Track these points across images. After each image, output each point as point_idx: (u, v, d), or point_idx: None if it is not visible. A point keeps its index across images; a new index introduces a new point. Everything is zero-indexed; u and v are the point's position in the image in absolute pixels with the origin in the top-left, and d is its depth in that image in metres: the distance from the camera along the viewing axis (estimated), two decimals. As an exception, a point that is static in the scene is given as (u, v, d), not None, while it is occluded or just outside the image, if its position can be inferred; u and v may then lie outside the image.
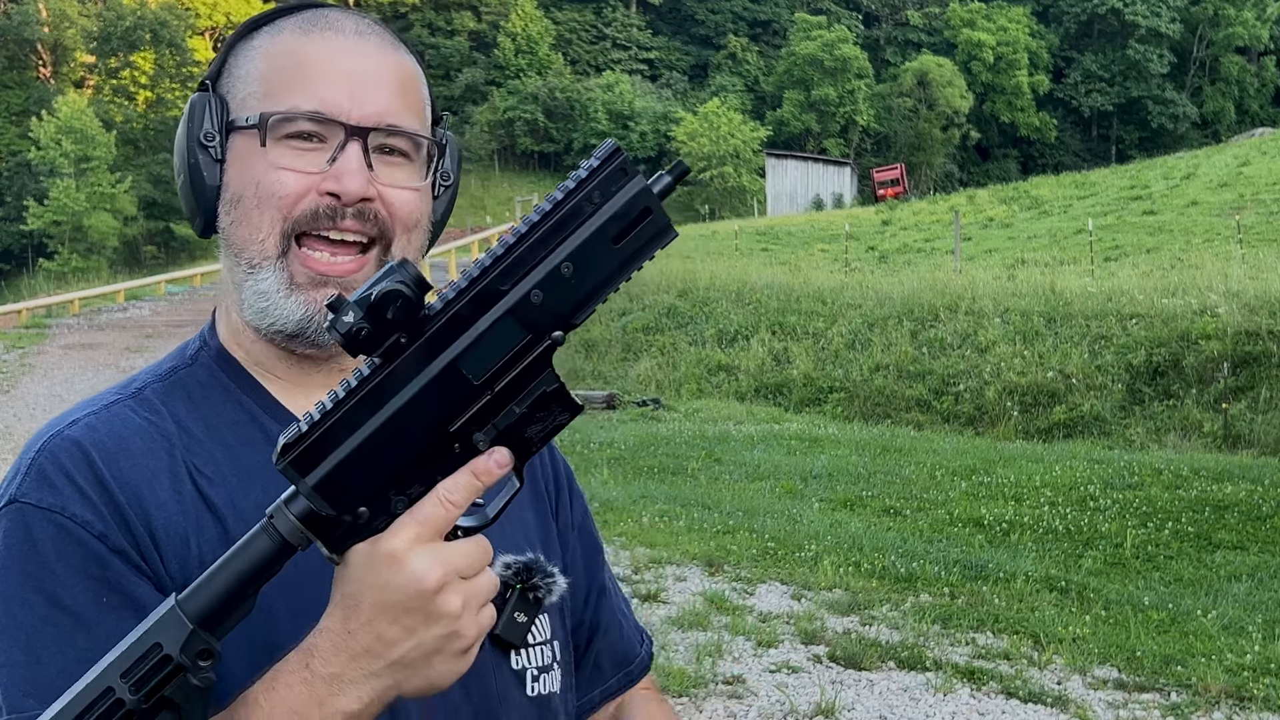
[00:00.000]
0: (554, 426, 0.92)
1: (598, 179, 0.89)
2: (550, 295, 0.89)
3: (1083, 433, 13.61)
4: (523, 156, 69.67)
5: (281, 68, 1.06)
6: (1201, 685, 5.50)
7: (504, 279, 0.88)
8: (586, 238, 0.89)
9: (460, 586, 0.89)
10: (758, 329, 18.34)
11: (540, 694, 1.15)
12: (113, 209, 49.26)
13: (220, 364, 1.12)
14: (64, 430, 1.03)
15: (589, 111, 67.02)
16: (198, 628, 0.86)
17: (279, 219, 1.05)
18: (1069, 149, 73.20)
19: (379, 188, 1.06)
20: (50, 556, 0.96)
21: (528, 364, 0.90)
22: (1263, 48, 74.72)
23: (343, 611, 0.89)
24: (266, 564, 0.88)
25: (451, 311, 0.88)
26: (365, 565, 0.88)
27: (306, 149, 1.05)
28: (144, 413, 1.06)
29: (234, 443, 1.07)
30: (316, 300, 1.06)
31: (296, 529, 0.88)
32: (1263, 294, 14.53)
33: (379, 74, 1.08)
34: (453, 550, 0.89)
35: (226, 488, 1.04)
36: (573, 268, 0.89)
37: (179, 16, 60.54)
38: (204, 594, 0.87)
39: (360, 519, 0.89)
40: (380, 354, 0.88)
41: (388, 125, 1.07)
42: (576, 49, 75.22)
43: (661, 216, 0.91)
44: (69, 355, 18.68)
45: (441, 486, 0.89)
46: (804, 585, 7.14)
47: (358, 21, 1.11)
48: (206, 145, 1.07)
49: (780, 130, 66.48)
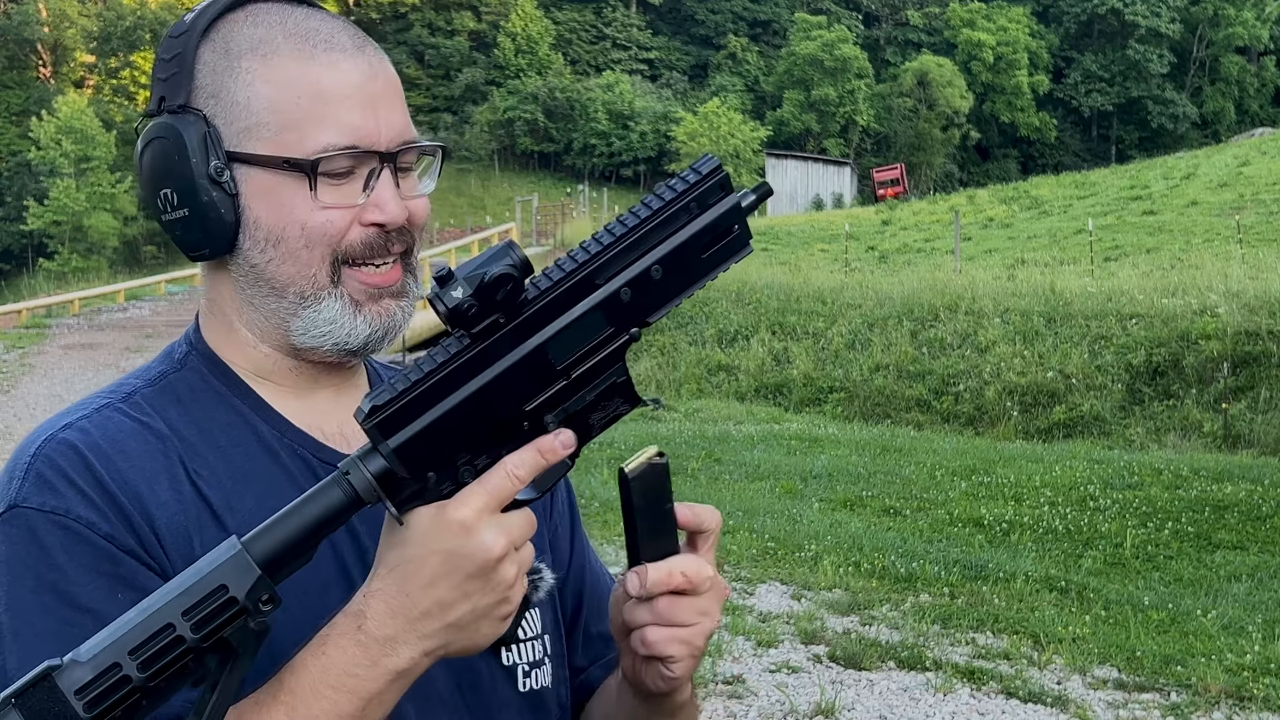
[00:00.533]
0: (614, 415, 0.97)
1: (698, 190, 0.96)
2: (638, 294, 0.95)
3: (1083, 433, 13.62)
4: (523, 156, 69.66)
5: (297, 98, 1.04)
6: (1201, 685, 5.50)
7: (599, 273, 0.94)
8: (679, 244, 0.95)
9: (515, 557, 0.93)
10: (758, 329, 18.34)
11: (532, 689, 1.16)
12: (113, 209, 49.31)
13: (210, 368, 1.11)
14: (58, 434, 1.02)
15: (589, 111, 67.02)
16: (263, 572, 0.87)
17: (328, 253, 1.05)
18: (1069, 149, 73.21)
19: (407, 204, 1.08)
20: (61, 558, 0.96)
21: (606, 355, 0.95)
22: (1263, 48, 74.73)
23: (400, 575, 0.92)
24: (335, 515, 0.91)
25: (549, 298, 0.93)
26: (431, 528, 0.91)
27: (341, 181, 1.05)
28: (136, 415, 1.06)
29: (226, 444, 1.07)
30: (379, 314, 1.08)
31: (370, 486, 0.91)
32: (1263, 294, 14.53)
33: (390, 90, 1.08)
34: (512, 522, 0.93)
35: (222, 489, 1.04)
36: (662, 271, 0.95)
37: (179, 16, 60.42)
38: (270, 538, 0.89)
39: (428, 483, 0.92)
40: (475, 332, 0.92)
41: (407, 142, 1.08)
42: (576, 49, 75.23)
43: (746, 233, 0.97)
44: (69, 355, 18.69)
45: (509, 461, 0.92)
46: (804, 585, 7.14)
47: (350, 32, 1.09)
48: (219, 180, 1.04)
49: (780, 130, 66.50)
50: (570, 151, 68.25)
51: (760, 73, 72.75)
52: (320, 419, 1.11)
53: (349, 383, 1.15)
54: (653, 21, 77.29)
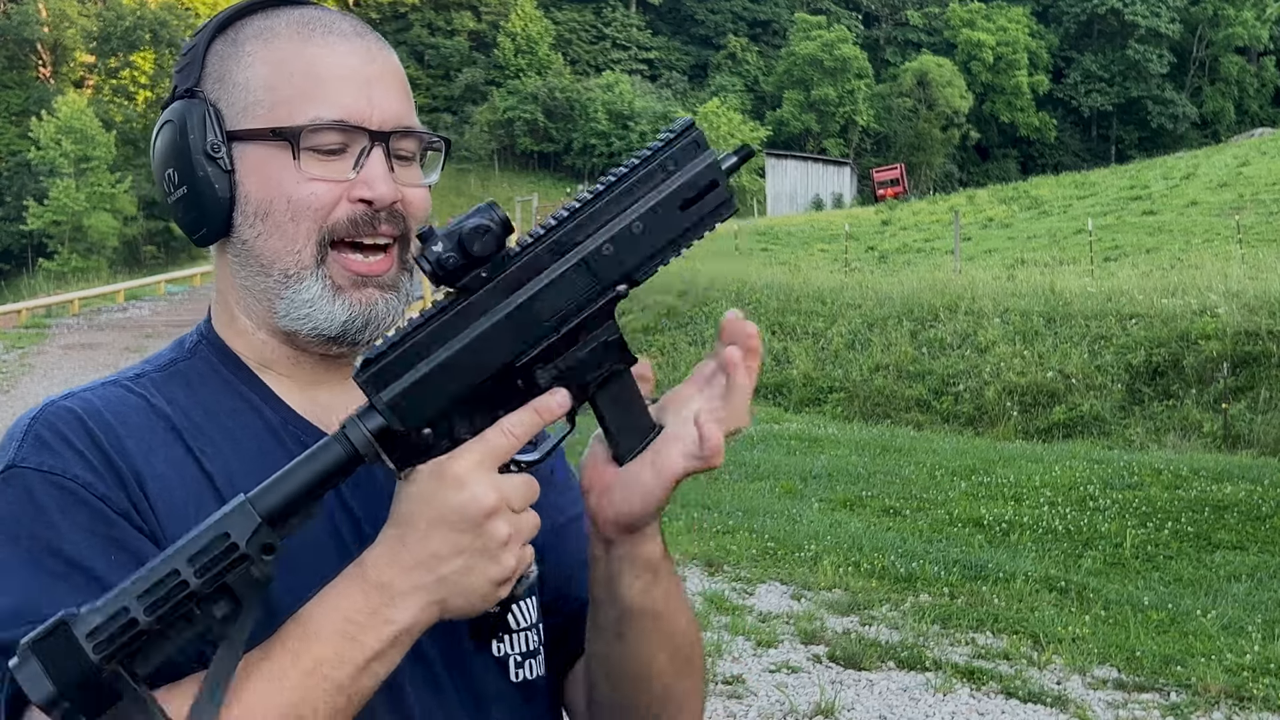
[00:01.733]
0: (610, 374, 0.99)
1: (674, 149, 0.98)
2: (620, 249, 0.96)
3: (1082, 433, 13.61)
4: (522, 156, 69.65)
5: (291, 75, 1.07)
6: (1201, 685, 5.50)
7: (580, 230, 0.96)
8: (659, 200, 0.97)
9: (510, 517, 0.94)
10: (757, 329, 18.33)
11: (525, 679, 1.16)
12: (113, 209, 49.30)
13: (220, 357, 1.13)
14: (59, 401, 1.05)
15: (589, 111, 67.00)
16: (264, 523, 0.90)
17: (314, 229, 1.06)
18: (1069, 149, 73.21)
19: (401, 189, 1.08)
20: (56, 517, 0.97)
21: (593, 312, 0.97)
22: (1263, 48, 74.73)
23: (400, 527, 0.94)
24: (335, 471, 0.93)
25: (530, 254, 0.96)
26: (427, 482, 0.94)
27: (331, 158, 1.06)
28: (140, 392, 1.07)
29: (233, 427, 1.08)
30: (360, 301, 1.08)
31: (368, 441, 0.93)
32: (1263, 294, 14.52)
33: (388, 76, 1.10)
34: (508, 481, 0.95)
35: (227, 466, 1.05)
36: (643, 226, 0.97)
37: (179, 16, 60.55)
38: (273, 493, 0.91)
39: (426, 440, 0.94)
40: (461, 286, 0.94)
41: (404, 127, 1.09)
42: (576, 49, 75.23)
43: (726, 190, 0.99)
44: (69, 355, 18.69)
45: (506, 420, 0.95)
46: (804, 585, 7.14)
47: (352, 22, 1.12)
48: (214, 156, 1.07)
49: (780, 130, 66.49)
50: (570, 151, 68.23)
51: (760, 73, 72.76)
52: (324, 413, 1.12)
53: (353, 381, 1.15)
54: (652, 21, 77.29)
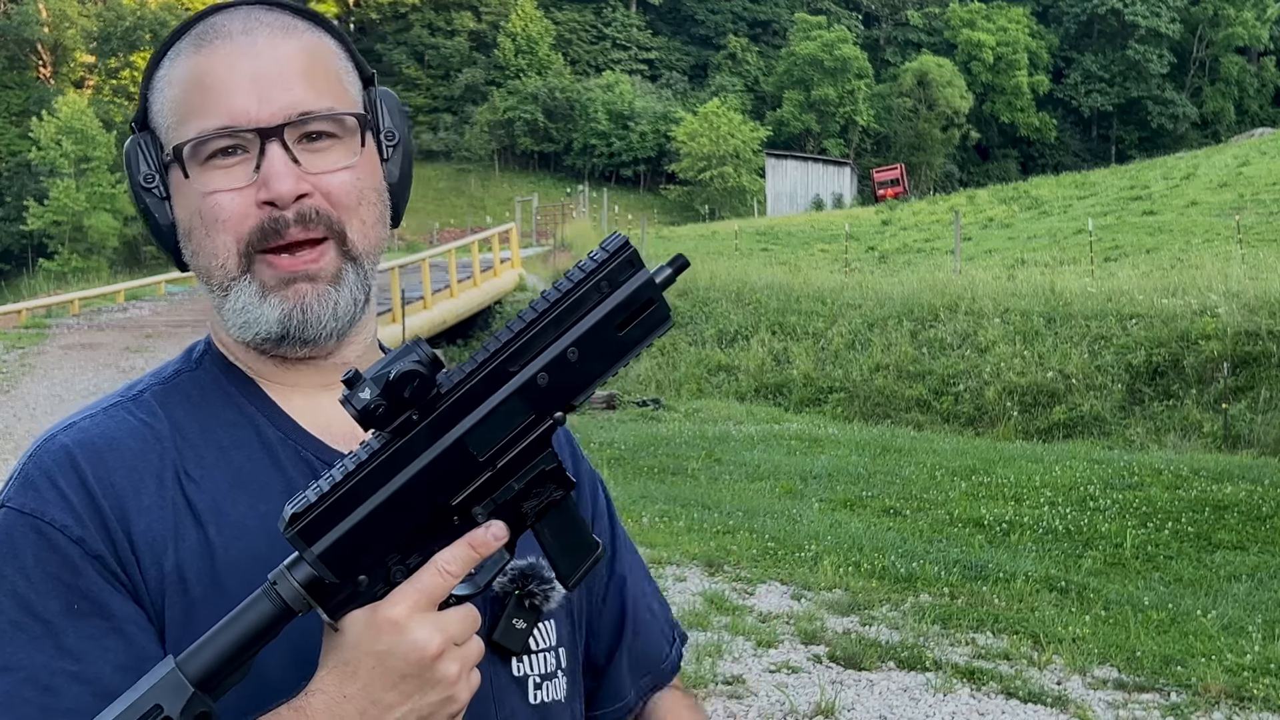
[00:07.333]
0: (548, 501, 0.96)
1: (607, 269, 0.94)
2: (556, 378, 0.93)
3: (1083, 433, 13.62)
4: (523, 156, 69.61)
5: (187, 91, 1.06)
6: (1201, 685, 5.50)
7: (513, 360, 0.93)
8: (593, 324, 0.94)
9: (456, 653, 0.92)
10: (758, 329, 18.35)
11: (543, 702, 1.14)
12: (113, 209, 49.28)
13: (223, 368, 1.13)
14: (57, 435, 1.04)
15: (589, 111, 66.98)
16: (197, 690, 0.87)
17: (232, 241, 1.05)
18: (1069, 149, 73.17)
19: (311, 180, 1.04)
20: (28, 562, 0.97)
21: (530, 442, 0.94)
22: (1263, 48, 74.69)
23: (339, 676, 0.91)
24: (267, 628, 0.90)
25: (462, 390, 0.92)
26: (364, 631, 0.90)
27: (232, 164, 1.04)
28: (141, 415, 1.07)
29: (228, 444, 1.07)
30: (290, 297, 1.05)
31: (299, 595, 0.90)
32: (1263, 294, 14.53)
33: (276, 66, 1.05)
34: (450, 618, 0.91)
35: (213, 493, 1.04)
36: (578, 352, 0.93)
37: (179, 16, 60.52)
38: (203, 656, 0.89)
39: (360, 586, 0.91)
40: (391, 430, 0.91)
41: (300, 115, 1.04)
42: (576, 49, 75.19)
43: (663, 307, 0.96)
44: (69, 355, 18.67)
45: (440, 557, 0.91)
46: (804, 585, 7.14)
47: (245, 19, 1.08)
48: (148, 187, 1.08)
49: (780, 130, 66.46)
50: (570, 151, 68.20)
51: (760, 73, 72.71)
52: (328, 420, 1.10)
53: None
54: (653, 21, 77.25)
